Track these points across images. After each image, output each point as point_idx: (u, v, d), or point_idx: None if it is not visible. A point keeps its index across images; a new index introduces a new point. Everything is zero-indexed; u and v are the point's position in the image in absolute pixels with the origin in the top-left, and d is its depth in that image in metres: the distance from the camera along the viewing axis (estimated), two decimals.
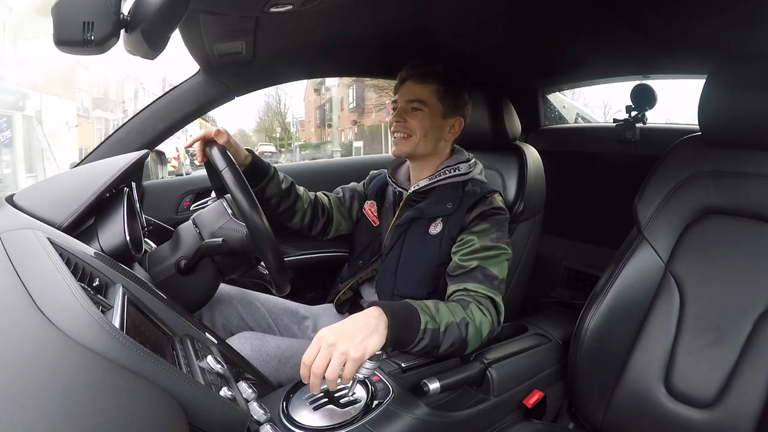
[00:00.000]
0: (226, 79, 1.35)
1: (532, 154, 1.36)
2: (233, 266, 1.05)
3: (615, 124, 1.61)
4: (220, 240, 0.96)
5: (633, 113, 1.57)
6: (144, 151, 0.99)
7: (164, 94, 1.37)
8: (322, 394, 0.76)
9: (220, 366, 0.64)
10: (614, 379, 1.01)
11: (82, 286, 0.52)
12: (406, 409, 0.78)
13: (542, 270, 1.64)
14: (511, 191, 1.32)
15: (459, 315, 0.87)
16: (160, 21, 0.63)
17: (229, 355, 0.81)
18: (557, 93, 2.01)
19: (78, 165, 1.30)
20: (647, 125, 1.57)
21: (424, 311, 0.83)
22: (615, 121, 1.62)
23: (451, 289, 0.97)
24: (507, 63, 1.48)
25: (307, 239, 1.31)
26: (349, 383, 0.72)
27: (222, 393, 0.56)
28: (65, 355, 0.40)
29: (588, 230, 1.75)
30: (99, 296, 0.56)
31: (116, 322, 0.51)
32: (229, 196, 0.98)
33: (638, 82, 1.56)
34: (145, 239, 1.07)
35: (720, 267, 0.94)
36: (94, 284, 0.60)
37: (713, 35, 1.07)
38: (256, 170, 1.12)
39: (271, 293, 1.07)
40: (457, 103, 1.11)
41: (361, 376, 0.72)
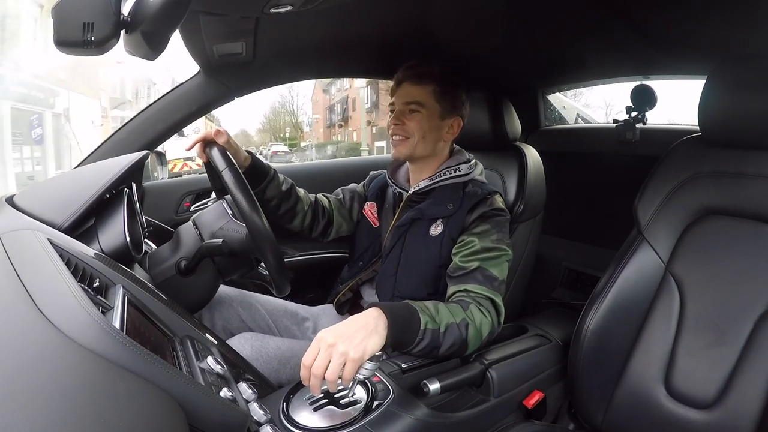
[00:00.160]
0: (226, 79, 1.35)
1: (532, 154, 1.36)
2: (233, 267, 1.05)
3: (615, 125, 1.61)
4: (221, 241, 0.96)
5: (633, 114, 1.57)
6: (144, 152, 0.99)
7: (164, 94, 1.37)
8: (322, 395, 0.76)
9: (220, 367, 0.64)
10: (614, 379, 1.01)
11: (82, 287, 0.52)
12: (406, 409, 0.78)
13: (542, 271, 1.64)
14: (512, 192, 1.32)
15: (459, 316, 0.86)
16: (161, 22, 0.62)
17: (229, 355, 0.81)
18: (557, 93, 2.01)
19: (78, 166, 1.30)
20: (647, 126, 1.57)
21: (424, 312, 0.83)
22: (615, 121, 1.62)
23: (451, 290, 0.97)
24: (507, 63, 1.48)
25: (307, 240, 1.31)
26: (349, 384, 0.72)
27: (222, 394, 0.56)
28: (65, 355, 0.40)
29: (588, 231, 1.75)
30: (99, 297, 0.56)
31: (116, 323, 0.51)
32: (229, 196, 0.98)
33: (638, 83, 1.56)
34: (146, 240, 1.07)
35: (720, 267, 0.94)
36: (95, 285, 0.60)
37: (713, 35, 1.07)
38: (255, 172, 1.12)
39: (272, 294, 1.07)
40: (455, 103, 1.11)
41: (361, 376, 0.72)
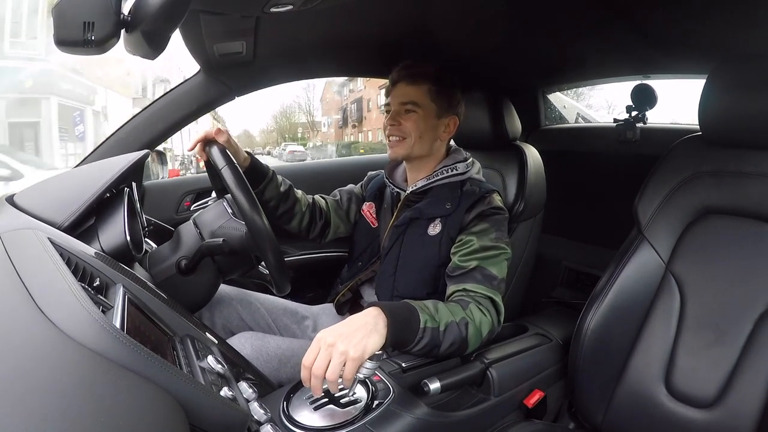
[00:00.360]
0: (226, 79, 1.35)
1: (532, 154, 1.36)
2: (234, 266, 1.05)
3: (615, 124, 1.61)
4: (221, 240, 0.96)
5: (633, 113, 1.57)
6: (144, 151, 0.99)
7: (165, 94, 1.37)
8: (323, 394, 0.76)
9: (220, 366, 0.64)
10: (614, 379, 1.01)
11: (82, 286, 0.52)
12: (406, 409, 0.78)
13: (542, 270, 1.64)
14: (512, 191, 1.32)
15: (459, 315, 0.87)
16: (161, 21, 0.62)
17: (229, 355, 0.81)
18: (557, 93, 2.01)
19: (79, 165, 1.30)
20: (648, 125, 1.57)
21: (424, 311, 0.83)
22: (615, 121, 1.62)
23: (450, 289, 0.97)
24: (507, 63, 1.48)
25: (306, 240, 1.31)
26: (350, 383, 0.72)
27: (222, 393, 0.56)
28: (66, 354, 0.40)
29: (588, 230, 1.75)
30: (99, 296, 0.56)
31: (117, 322, 0.51)
32: (229, 196, 0.98)
33: (639, 82, 1.56)
34: (146, 239, 1.07)
35: (720, 267, 0.94)
36: (95, 284, 0.60)
37: (713, 35, 1.07)
38: (254, 172, 1.12)
39: (272, 293, 1.07)
40: (451, 102, 1.11)
41: (362, 376, 0.72)
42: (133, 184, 0.98)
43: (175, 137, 1.43)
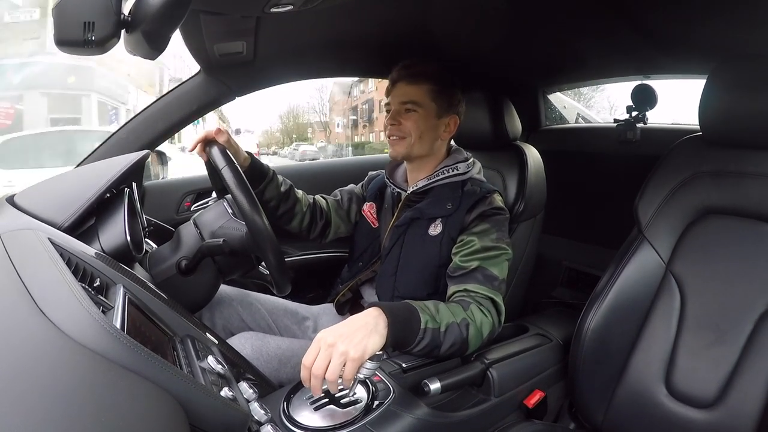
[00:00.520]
0: (226, 79, 1.35)
1: (532, 154, 1.36)
2: (234, 266, 1.05)
3: (616, 124, 1.61)
4: (221, 240, 0.96)
5: (633, 113, 1.57)
6: (145, 151, 0.99)
7: (165, 94, 1.37)
8: (323, 394, 0.76)
9: (220, 366, 0.64)
10: (615, 379, 1.01)
11: (83, 287, 0.52)
12: (406, 409, 0.78)
13: (543, 270, 1.64)
14: (512, 191, 1.32)
15: (459, 315, 0.86)
16: (161, 21, 0.62)
17: (229, 355, 0.81)
18: (558, 93, 2.01)
19: (79, 165, 1.30)
20: (648, 125, 1.57)
21: (424, 311, 0.83)
22: (616, 121, 1.62)
23: (451, 290, 0.97)
24: (508, 63, 1.48)
25: (307, 240, 1.31)
26: (350, 384, 0.72)
27: (223, 393, 0.56)
28: (66, 355, 0.40)
29: (588, 230, 1.75)
30: (100, 296, 0.56)
31: (117, 323, 0.51)
32: (229, 196, 0.98)
33: (639, 83, 1.56)
34: (146, 239, 1.07)
35: (721, 267, 0.94)
36: (95, 284, 0.60)
37: (714, 35, 1.07)
38: (254, 172, 1.12)
39: (272, 293, 1.07)
40: (451, 101, 1.11)
41: (362, 376, 0.71)
42: (134, 185, 0.98)
43: None
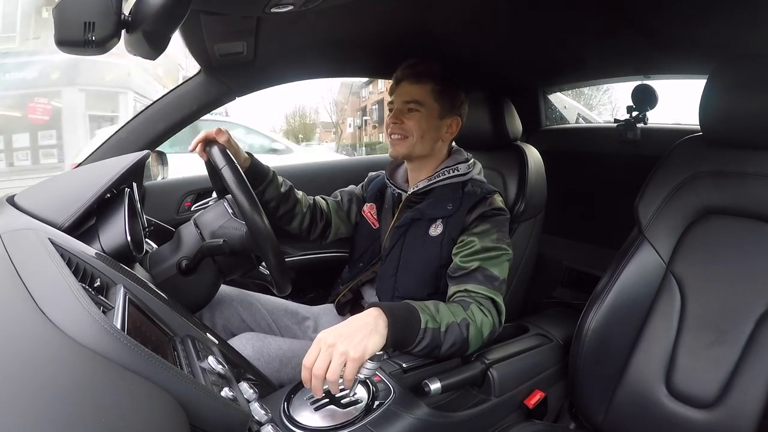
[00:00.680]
0: (227, 79, 1.35)
1: (533, 154, 1.36)
2: (234, 266, 1.05)
3: (616, 125, 1.60)
4: (221, 240, 0.96)
5: (634, 113, 1.57)
6: (145, 151, 0.99)
7: (165, 94, 1.37)
8: (324, 395, 0.76)
9: (221, 366, 0.64)
10: (615, 379, 1.01)
11: (83, 287, 0.52)
12: (407, 409, 0.78)
13: (543, 270, 1.63)
14: (512, 191, 1.32)
15: (460, 315, 0.86)
16: (161, 21, 0.63)
17: (230, 355, 0.81)
18: (558, 93, 2.01)
19: (79, 165, 1.30)
20: (648, 125, 1.56)
21: (424, 311, 0.83)
22: (616, 121, 1.61)
23: (451, 290, 0.97)
24: (508, 63, 1.48)
25: (307, 241, 1.31)
26: (350, 384, 0.72)
27: (223, 393, 0.56)
28: (66, 355, 0.40)
29: (589, 230, 1.75)
30: (100, 297, 0.56)
31: (117, 323, 0.51)
32: (230, 196, 0.98)
33: (639, 83, 1.56)
34: (146, 240, 1.07)
35: (721, 267, 0.94)
36: (96, 285, 0.60)
37: (714, 35, 1.06)
38: (255, 173, 1.11)
39: (272, 294, 1.07)
40: (454, 102, 1.11)
41: (362, 376, 0.72)
42: (134, 185, 0.98)
43: None
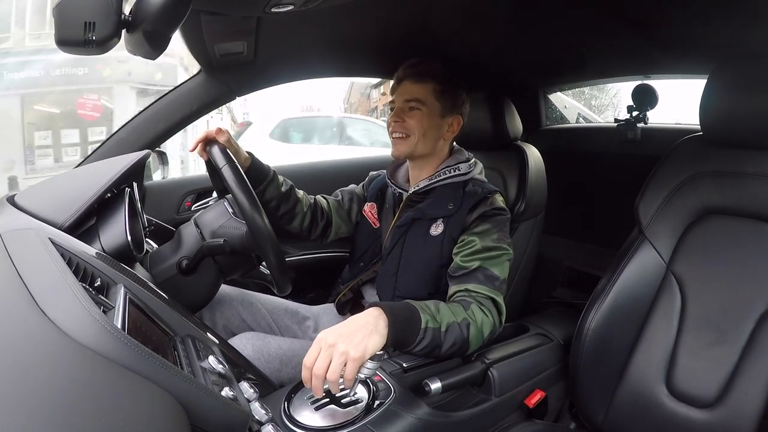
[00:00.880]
0: (227, 79, 1.35)
1: (533, 154, 1.36)
2: (235, 266, 1.05)
3: (616, 125, 1.60)
4: (222, 240, 0.96)
5: (634, 113, 1.57)
6: (145, 151, 0.99)
7: (165, 94, 1.37)
8: (324, 394, 0.76)
9: (221, 366, 0.64)
10: (615, 378, 1.01)
11: (83, 287, 0.52)
12: (407, 409, 0.78)
13: (543, 270, 1.63)
14: (513, 191, 1.32)
15: (460, 315, 0.86)
16: (162, 21, 0.62)
17: (230, 355, 0.81)
18: (558, 93, 2.01)
19: (80, 165, 1.30)
20: (648, 125, 1.56)
21: (425, 311, 0.83)
22: (616, 121, 1.61)
23: (452, 289, 0.97)
24: (508, 63, 1.48)
25: (307, 240, 1.31)
26: (351, 384, 0.72)
27: (224, 393, 0.56)
28: (67, 355, 0.40)
29: (589, 230, 1.75)
30: (100, 296, 0.56)
31: (118, 323, 0.51)
32: (230, 195, 0.98)
33: (639, 82, 1.56)
34: (147, 239, 1.07)
35: (721, 267, 0.94)
36: (96, 284, 0.60)
37: (714, 35, 1.06)
38: (255, 173, 1.11)
39: (272, 293, 1.07)
40: (455, 101, 1.11)
41: (363, 376, 0.71)
42: (134, 184, 0.98)
43: None
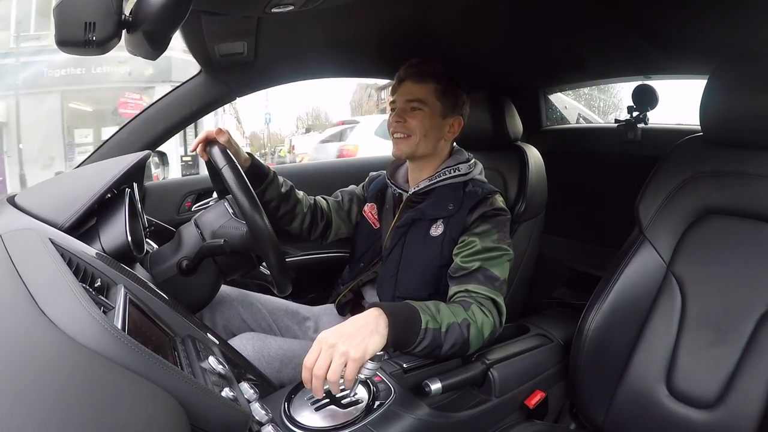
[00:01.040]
0: (227, 79, 1.35)
1: (533, 154, 1.36)
2: (235, 267, 1.05)
3: (617, 125, 1.60)
4: (222, 240, 0.96)
5: (634, 113, 1.57)
6: (146, 151, 0.99)
7: (166, 94, 1.37)
8: (324, 395, 0.76)
9: (221, 367, 0.64)
10: (616, 379, 1.01)
11: (83, 287, 0.52)
12: (407, 409, 0.78)
13: (544, 270, 1.63)
14: (513, 191, 1.32)
15: (460, 316, 0.86)
16: (162, 21, 0.62)
17: (230, 355, 0.81)
18: (559, 93, 2.01)
19: (80, 165, 1.30)
20: (649, 125, 1.56)
21: (425, 311, 0.83)
22: (617, 121, 1.61)
23: (452, 290, 0.97)
24: (508, 63, 1.48)
25: (307, 240, 1.31)
26: (351, 384, 0.72)
27: (224, 393, 0.56)
28: (67, 355, 0.40)
29: (589, 230, 1.75)
30: (101, 297, 0.56)
31: (118, 323, 0.51)
32: (230, 196, 0.98)
33: (640, 83, 1.56)
34: (147, 240, 1.07)
35: (721, 267, 0.94)
36: (96, 285, 0.60)
37: (714, 36, 1.06)
38: (255, 173, 1.11)
39: (273, 294, 1.07)
40: (456, 102, 1.11)
41: (363, 376, 0.71)
42: (135, 185, 0.98)
43: None
